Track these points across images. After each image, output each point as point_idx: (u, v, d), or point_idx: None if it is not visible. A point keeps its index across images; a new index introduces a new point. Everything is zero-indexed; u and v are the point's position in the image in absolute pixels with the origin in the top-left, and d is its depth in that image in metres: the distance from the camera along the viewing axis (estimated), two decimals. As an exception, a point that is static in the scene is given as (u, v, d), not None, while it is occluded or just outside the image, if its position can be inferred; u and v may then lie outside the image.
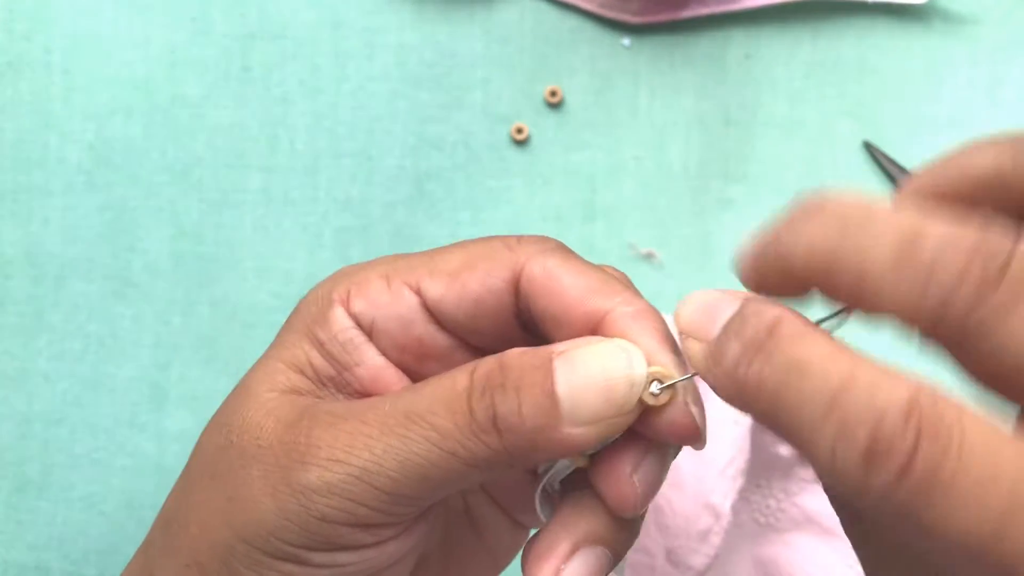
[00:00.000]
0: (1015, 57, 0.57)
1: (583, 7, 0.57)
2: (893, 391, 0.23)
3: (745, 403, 0.26)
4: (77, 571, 0.57)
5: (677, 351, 0.31)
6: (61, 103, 0.58)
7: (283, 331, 0.35)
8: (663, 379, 0.30)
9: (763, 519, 0.53)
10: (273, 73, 0.58)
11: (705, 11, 0.57)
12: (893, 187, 0.57)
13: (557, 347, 0.30)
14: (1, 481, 0.57)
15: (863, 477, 0.23)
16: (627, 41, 0.57)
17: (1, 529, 0.57)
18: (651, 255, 0.57)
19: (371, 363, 0.34)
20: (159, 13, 0.58)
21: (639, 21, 0.57)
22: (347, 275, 0.35)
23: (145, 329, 0.57)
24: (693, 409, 0.30)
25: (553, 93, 0.57)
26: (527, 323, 0.33)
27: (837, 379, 0.24)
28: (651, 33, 0.58)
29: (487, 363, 0.31)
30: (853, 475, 0.23)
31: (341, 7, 0.58)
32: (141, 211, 0.58)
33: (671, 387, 0.30)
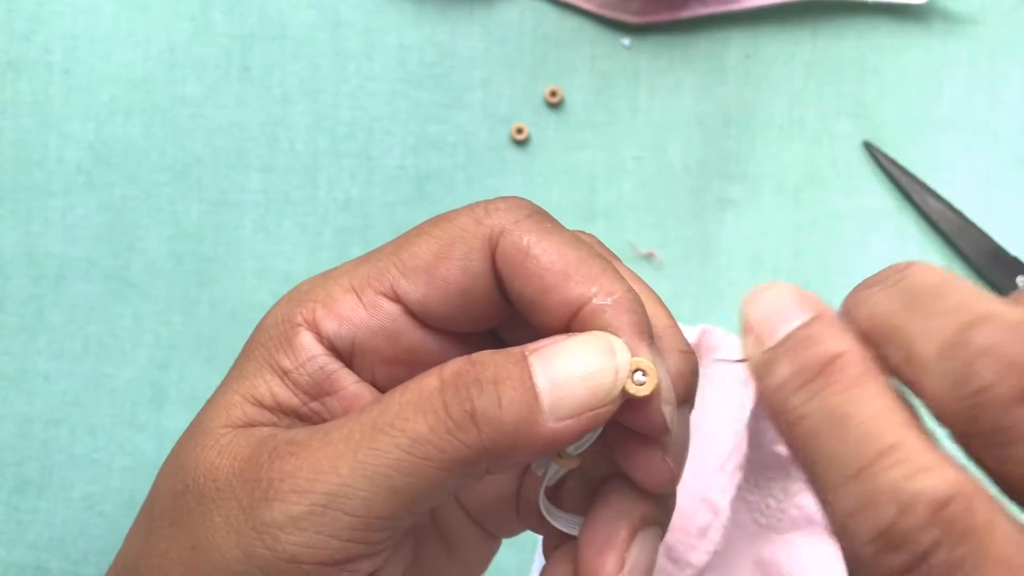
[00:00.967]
0: (1015, 57, 0.57)
1: (583, 7, 0.57)
2: (929, 480, 0.22)
3: (778, 429, 0.25)
4: (77, 571, 0.57)
5: (652, 342, 0.30)
6: (61, 103, 0.58)
7: (241, 359, 0.32)
8: (644, 370, 0.29)
9: (763, 520, 0.53)
10: (273, 73, 0.58)
11: (705, 11, 0.57)
12: (893, 187, 0.57)
13: (529, 346, 0.29)
14: (1, 481, 0.57)
15: (869, 555, 0.22)
16: (627, 41, 0.57)
17: (1, 529, 0.57)
18: (651, 255, 0.57)
19: (346, 391, 0.31)
20: (159, 13, 0.58)
21: (639, 21, 0.57)
22: (307, 292, 0.32)
23: (145, 329, 0.57)
24: (664, 407, 0.30)
25: (553, 93, 0.57)
26: (511, 298, 0.32)
27: (875, 448, 0.23)
28: (651, 33, 0.58)
29: (456, 362, 0.29)
30: (859, 548, 0.23)
31: (341, 7, 0.58)
32: (141, 211, 0.58)
33: (652, 378, 0.29)
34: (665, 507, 0.32)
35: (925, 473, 0.22)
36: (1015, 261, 0.55)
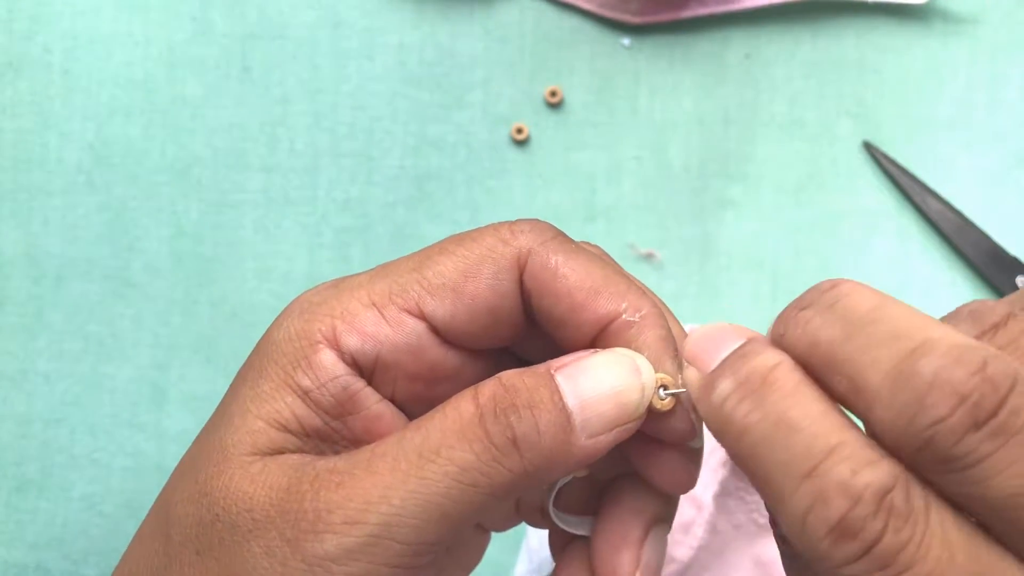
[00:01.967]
0: (1015, 57, 0.57)
1: (583, 7, 0.57)
2: (872, 473, 0.24)
3: (725, 442, 0.27)
4: (77, 571, 0.57)
5: (677, 355, 0.31)
6: (61, 103, 0.58)
7: (253, 376, 0.31)
8: (668, 385, 0.30)
9: (762, 519, 0.53)
10: (273, 73, 0.58)
11: (705, 11, 0.57)
12: (893, 187, 0.57)
13: (554, 363, 0.30)
14: (1, 481, 0.57)
15: (827, 548, 0.24)
16: (627, 41, 0.57)
17: (1, 529, 0.57)
18: (651, 255, 0.57)
19: (368, 411, 0.31)
20: (159, 13, 0.58)
21: (639, 21, 0.57)
22: (321, 305, 0.32)
23: (145, 329, 0.57)
24: (692, 415, 0.31)
25: (553, 93, 0.57)
26: (531, 315, 0.33)
27: (822, 447, 0.25)
28: (651, 33, 0.58)
29: (489, 387, 0.30)
30: (818, 543, 0.24)
31: (341, 7, 0.58)
32: (141, 211, 0.58)
33: (674, 394, 0.30)
34: (673, 504, 0.33)
35: (868, 467, 0.24)
36: (1015, 261, 0.55)
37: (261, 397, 0.31)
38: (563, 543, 0.34)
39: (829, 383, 0.26)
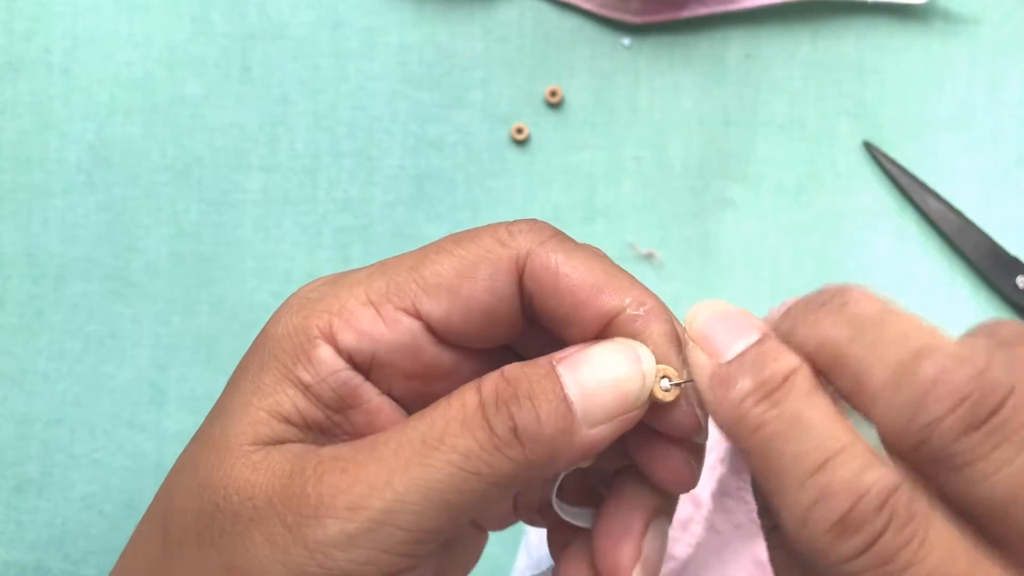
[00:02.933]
0: (1015, 57, 0.57)
1: (583, 7, 0.57)
2: (881, 474, 0.25)
3: (737, 436, 0.27)
4: (77, 571, 0.57)
5: (682, 349, 0.31)
6: (61, 103, 0.58)
7: (254, 370, 0.31)
8: (671, 377, 0.30)
9: (763, 519, 0.53)
10: (273, 73, 0.58)
11: (705, 11, 0.57)
12: (893, 187, 0.57)
13: (555, 356, 0.30)
14: (1, 481, 0.57)
15: (828, 543, 0.25)
16: (627, 41, 0.57)
17: (1, 529, 0.57)
18: (651, 255, 0.57)
19: (369, 404, 0.31)
20: (159, 13, 0.58)
21: (639, 21, 0.57)
22: (318, 302, 0.32)
23: (145, 329, 0.57)
24: (697, 410, 0.31)
25: (553, 93, 0.57)
26: (531, 315, 0.32)
27: (834, 446, 0.26)
28: (651, 33, 0.58)
29: (492, 379, 0.30)
30: (819, 538, 0.25)
31: (341, 7, 0.58)
32: (141, 211, 0.58)
33: (678, 385, 0.30)
34: (674, 497, 0.33)
35: (876, 467, 0.25)
36: (1015, 261, 0.55)
37: (262, 390, 0.31)
38: (562, 543, 0.34)
39: (835, 382, 0.27)
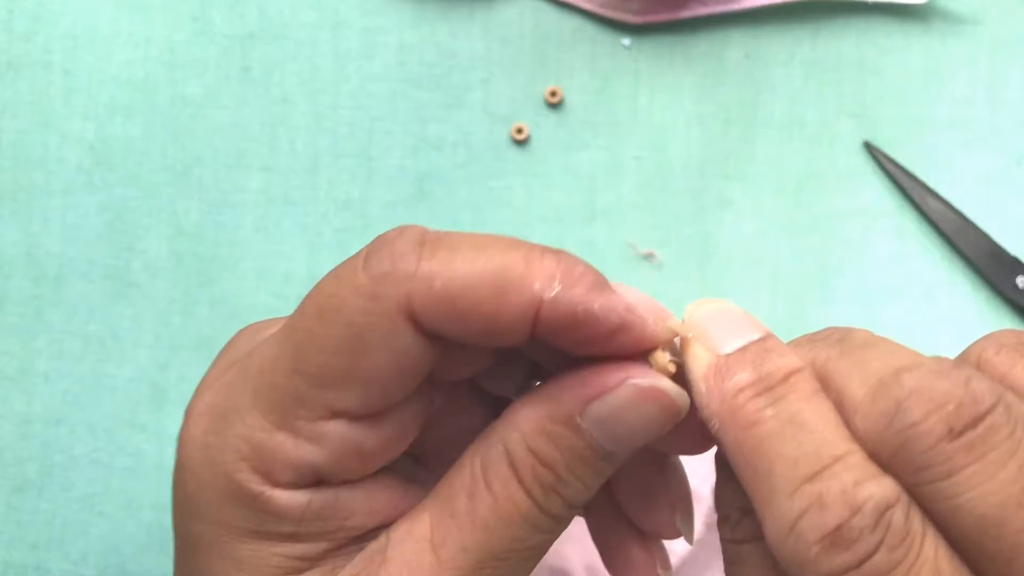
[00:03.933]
0: (1015, 57, 0.57)
1: (583, 7, 0.57)
2: (876, 486, 0.24)
3: (727, 431, 0.26)
4: (77, 571, 0.57)
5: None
6: (61, 103, 0.58)
7: (226, 547, 0.28)
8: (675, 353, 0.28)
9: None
10: (273, 73, 0.58)
11: (705, 11, 0.57)
12: (893, 187, 0.57)
13: (569, 405, 0.27)
14: (1, 481, 0.57)
15: (815, 555, 0.24)
16: (627, 41, 0.57)
17: (1, 529, 0.57)
18: (651, 255, 0.57)
19: (357, 507, 0.29)
20: (159, 13, 0.58)
21: (639, 21, 0.57)
22: (221, 450, 0.28)
23: (145, 329, 0.57)
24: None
25: (553, 93, 0.57)
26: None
27: (831, 452, 0.24)
28: (651, 33, 0.58)
29: (525, 465, 0.28)
30: (806, 549, 0.24)
31: (341, 7, 0.58)
32: (141, 211, 0.58)
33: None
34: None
35: (873, 480, 0.24)
36: (1015, 261, 0.55)
37: (252, 564, 0.28)
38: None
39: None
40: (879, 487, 0.24)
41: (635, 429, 0.28)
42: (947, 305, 0.56)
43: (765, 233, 0.57)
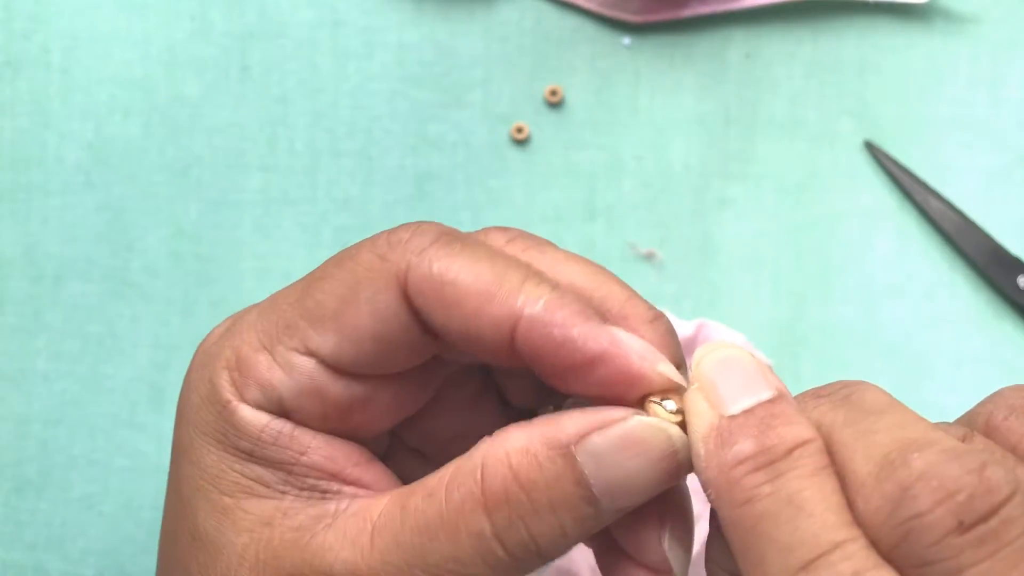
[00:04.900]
0: (1016, 56, 0.57)
1: (583, 6, 0.57)
2: None
3: (722, 504, 0.24)
4: (76, 571, 0.56)
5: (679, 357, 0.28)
6: (60, 102, 0.58)
7: (195, 452, 0.30)
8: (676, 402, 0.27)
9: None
10: (273, 73, 0.58)
11: (705, 10, 0.57)
12: (894, 187, 0.57)
13: (566, 431, 0.26)
14: (0, 481, 0.57)
15: None
16: (627, 41, 0.57)
17: (0, 529, 0.57)
18: (651, 255, 0.57)
19: (314, 445, 0.29)
20: (158, 12, 0.58)
21: (639, 20, 0.57)
22: (218, 357, 0.30)
23: (144, 329, 0.57)
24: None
25: (553, 93, 0.57)
26: (433, 332, 0.29)
27: (830, 539, 0.23)
28: (651, 33, 0.57)
29: (497, 475, 0.26)
30: None
31: (340, 6, 0.58)
32: (140, 211, 0.57)
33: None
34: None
35: (872, 572, 0.22)
36: (1016, 261, 0.55)
37: (213, 476, 0.29)
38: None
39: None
40: None
41: (630, 475, 0.26)
42: (948, 305, 0.56)
43: (765, 233, 0.57)
